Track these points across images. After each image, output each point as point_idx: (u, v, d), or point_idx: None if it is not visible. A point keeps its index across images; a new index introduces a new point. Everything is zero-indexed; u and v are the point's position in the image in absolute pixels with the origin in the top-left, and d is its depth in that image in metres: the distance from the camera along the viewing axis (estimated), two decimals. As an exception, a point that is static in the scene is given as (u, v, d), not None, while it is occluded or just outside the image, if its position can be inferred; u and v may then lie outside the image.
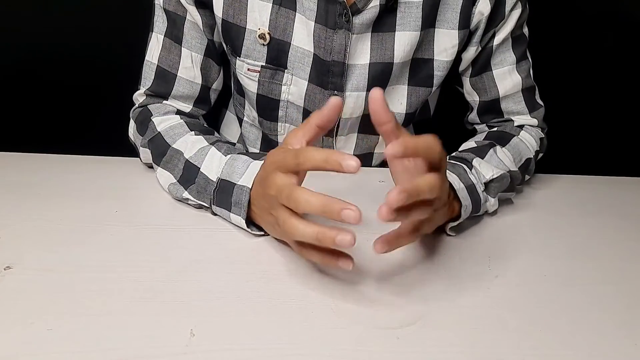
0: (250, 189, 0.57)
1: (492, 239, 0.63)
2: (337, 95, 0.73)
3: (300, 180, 0.52)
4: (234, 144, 0.67)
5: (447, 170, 0.60)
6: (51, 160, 0.74)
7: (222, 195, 0.60)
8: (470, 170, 0.63)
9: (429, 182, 0.47)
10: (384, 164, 0.87)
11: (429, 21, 0.72)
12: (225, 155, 0.62)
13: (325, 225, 0.46)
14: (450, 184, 0.60)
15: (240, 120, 0.85)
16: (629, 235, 0.67)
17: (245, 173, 0.59)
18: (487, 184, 0.64)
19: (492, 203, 0.65)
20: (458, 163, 0.64)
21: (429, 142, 0.47)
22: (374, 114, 0.49)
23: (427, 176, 0.47)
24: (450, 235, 0.62)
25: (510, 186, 0.68)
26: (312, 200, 0.46)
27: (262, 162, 0.58)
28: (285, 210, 0.49)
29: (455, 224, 0.61)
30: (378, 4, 0.69)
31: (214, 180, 0.61)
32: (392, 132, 0.50)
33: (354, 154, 0.80)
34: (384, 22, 0.71)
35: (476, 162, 0.65)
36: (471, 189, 0.61)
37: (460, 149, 0.73)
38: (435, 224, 0.58)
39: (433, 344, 0.46)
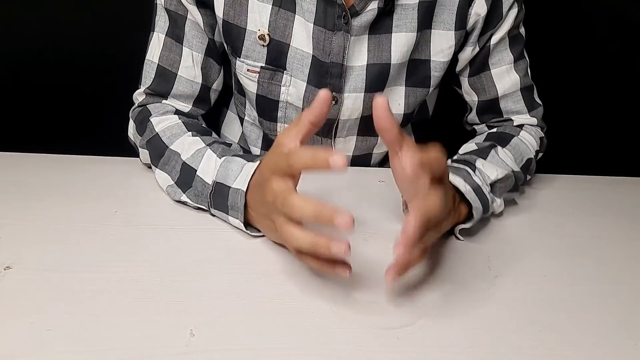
0: (246, 192, 0.57)
1: (492, 239, 0.63)
2: (335, 96, 0.73)
3: (296, 182, 0.51)
4: (230, 145, 0.67)
5: (451, 174, 0.60)
6: (51, 160, 0.74)
7: (218, 198, 0.60)
8: (474, 172, 0.63)
9: (434, 204, 0.48)
10: (383, 163, 0.87)
11: (425, 22, 0.72)
12: (220, 158, 0.62)
13: (320, 234, 0.46)
14: (457, 188, 0.60)
15: (242, 120, 0.85)
16: (629, 235, 0.67)
17: (240, 175, 0.59)
18: (492, 185, 0.64)
19: (498, 204, 0.65)
20: (461, 166, 0.64)
21: (438, 155, 0.49)
22: (377, 120, 0.49)
23: (430, 198, 0.48)
24: (459, 239, 0.62)
25: (515, 186, 0.68)
26: (305, 206, 0.46)
27: (257, 163, 0.58)
28: (283, 217, 0.49)
29: (466, 226, 0.61)
30: (376, 6, 0.69)
31: (210, 183, 0.61)
32: (395, 139, 0.50)
33: (353, 155, 0.82)
34: (381, 24, 0.71)
35: (479, 163, 0.65)
36: (478, 190, 0.61)
37: (460, 152, 0.73)
38: (441, 233, 0.58)
39: (433, 344, 0.46)
